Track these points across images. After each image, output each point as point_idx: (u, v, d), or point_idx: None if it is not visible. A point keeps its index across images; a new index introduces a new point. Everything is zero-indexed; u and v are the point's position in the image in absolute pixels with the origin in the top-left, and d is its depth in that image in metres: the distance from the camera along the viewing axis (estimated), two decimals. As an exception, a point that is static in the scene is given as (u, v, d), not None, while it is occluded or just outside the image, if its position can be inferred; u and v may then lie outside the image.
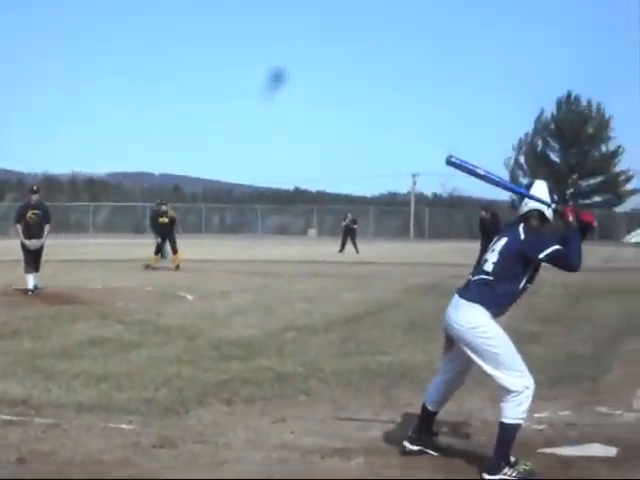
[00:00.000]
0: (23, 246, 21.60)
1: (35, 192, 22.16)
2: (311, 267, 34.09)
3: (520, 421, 7.12)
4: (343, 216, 53.41)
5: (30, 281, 21.34)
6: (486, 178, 7.64)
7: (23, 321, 16.42)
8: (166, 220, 31.78)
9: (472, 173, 7.64)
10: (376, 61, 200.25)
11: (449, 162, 7.52)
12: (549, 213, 7.39)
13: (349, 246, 48.73)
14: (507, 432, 7.06)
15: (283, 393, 10.19)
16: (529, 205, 7.41)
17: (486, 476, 7.02)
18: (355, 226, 51.91)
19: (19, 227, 21.72)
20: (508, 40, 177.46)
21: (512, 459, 7.08)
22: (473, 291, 7.34)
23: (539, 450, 7.84)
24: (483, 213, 29.97)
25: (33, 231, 21.56)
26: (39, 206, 22.12)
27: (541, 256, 7.14)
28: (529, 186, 7.63)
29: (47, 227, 21.83)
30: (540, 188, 7.50)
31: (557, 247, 7.13)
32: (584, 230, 7.37)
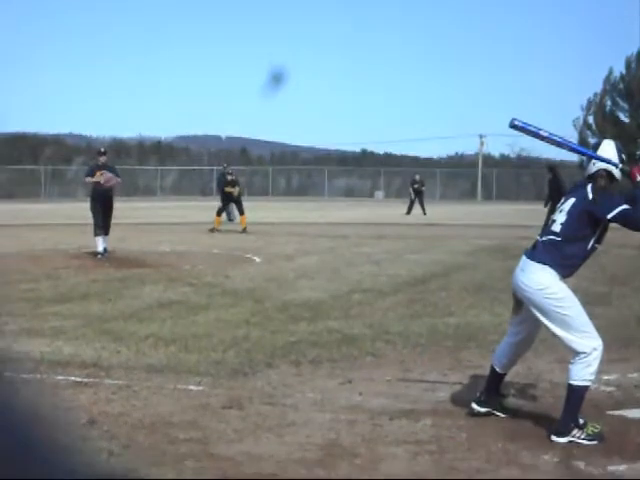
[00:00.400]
0: (93, 208, 21.74)
1: (102, 154, 22.27)
2: (378, 229, 34.00)
3: (588, 383, 7.09)
4: (411, 178, 53.24)
5: (99, 244, 21.36)
6: (550, 140, 7.64)
7: (92, 284, 16.56)
8: (234, 192, 31.81)
9: (536, 135, 7.64)
10: (444, 26, 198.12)
11: (512, 126, 7.54)
12: (617, 173, 7.32)
13: (416, 209, 48.36)
14: (575, 394, 7.04)
15: (350, 355, 10.21)
16: (597, 165, 7.36)
17: (555, 438, 7.00)
18: (423, 188, 51.41)
19: (88, 179, 21.93)
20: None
21: (581, 421, 7.05)
22: (541, 252, 7.31)
23: (608, 412, 7.80)
24: (550, 175, 29.73)
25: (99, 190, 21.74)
26: (107, 167, 22.29)
27: (609, 216, 7.10)
28: (597, 146, 7.62)
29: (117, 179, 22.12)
30: (608, 148, 7.46)
31: (625, 207, 7.09)
32: None
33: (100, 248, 21.30)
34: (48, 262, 20.36)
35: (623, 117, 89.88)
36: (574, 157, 50.73)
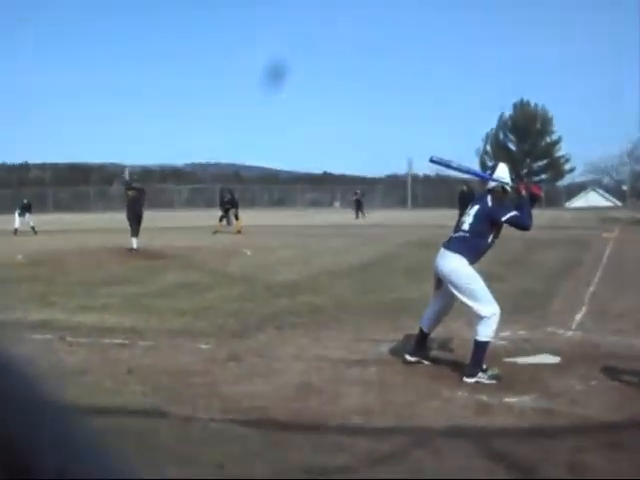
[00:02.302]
0: (128, 217, 21.89)
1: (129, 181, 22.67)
2: (336, 230, 34.09)
3: (489, 338, 7.15)
4: (354, 192, 53.06)
5: (134, 243, 21.55)
6: (459, 169, 7.88)
7: (128, 272, 16.56)
8: (230, 206, 32.11)
9: (449, 166, 7.86)
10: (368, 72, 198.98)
11: (431, 161, 7.72)
12: (508, 188, 7.51)
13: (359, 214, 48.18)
14: (480, 346, 7.10)
15: (318, 320, 10.23)
16: (494, 183, 7.48)
17: (465, 379, 7.05)
18: (362, 199, 51.07)
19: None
20: (474, 58, 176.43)
21: (484, 366, 7.11)
22: (454, 244, 7.40)
23: (503, 359, 7.85)
24: (464, 188, 29.91)
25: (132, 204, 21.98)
26: (136, 187, 22.63)
27: (503, 219, 7.25)
28: (494, 167, 7.76)
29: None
30: (502, 169, 7.63)
31: (515, 212, 7.26)
32: (533, 200, 7.58)
33: (135, 245, 21.41)
34: (96, 256, 20.35)
35: (512, 146, 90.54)
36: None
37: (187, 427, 5.63)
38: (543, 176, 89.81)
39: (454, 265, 7.26)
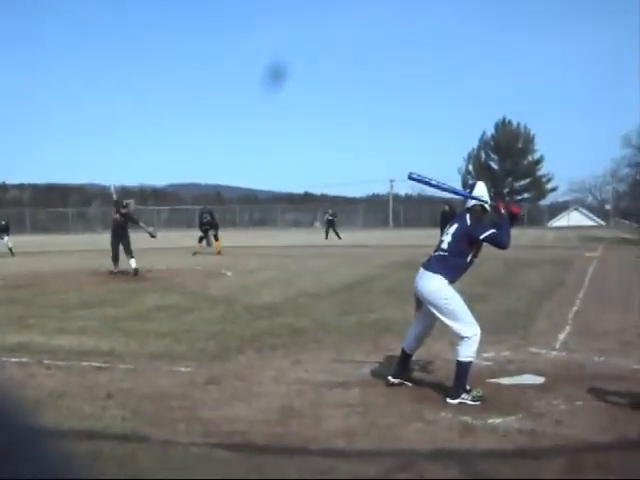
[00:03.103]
0: (113, 243, 21.58)
1: (117, 203, 22.11)
2: (316, 250, 34.07)
3: (471, 359, 7.15)
4: (325, 211, 50.91)
5: (133, 263, 20.99)
6: (438, 187, 7.82)
7: (107, 294, 16.48)
8: (209, 227, 31.89)
9: (428, 184, 7.80)
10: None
11: (410, 178, 7.63)
12: (487, 207, 7.51)
13: (331, 234, 46.05)
14: (462, 367, 7.12)
15: (299, 342, 10.21)
16: (473, 201, 7.52)
17: (449, 400, 7.05)
18: (335, 218, 48.62)
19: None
20: (454, 75, 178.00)
21: (467, 387, 7.11)
22: (433, 264, 7.42)
23: (487, 380, 7.86)
24: (446, 207, 30.02)
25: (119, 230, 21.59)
26: (124, 212, 22.11)
27: (482, 237, 7.27)
28: (473, 186, 7.76)
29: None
30: (481, 188, 7.66)
31: (493, 231, 7.27)
32: (513, 219, 7.58)
33: (134, 265, 20.96)
34: (74, 278, 20.25)
35: (494, 165, 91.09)
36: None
37: (168, 451, 5.60)
38: (525, 195, 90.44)
39: (434, 286, 7.27)
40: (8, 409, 0.48)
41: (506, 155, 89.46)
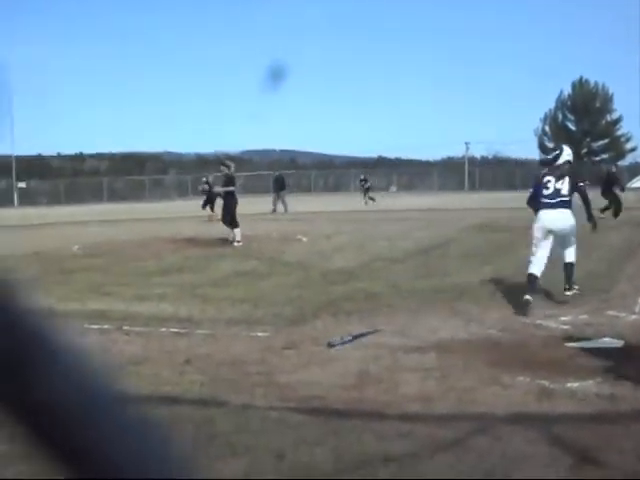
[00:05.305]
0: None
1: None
2: (390, 214, 33.93)
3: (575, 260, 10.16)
4: (358, 178, 50.88)
5: (237, 235, 20.02)
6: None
7: (185, 261, 16.68)
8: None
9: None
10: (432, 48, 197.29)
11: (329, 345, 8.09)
12: (573, 164, 10.70)
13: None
14: (573, 267, 10.17)
15: (374, 307, 10.22)
16: (564, 159, 10.42)
17: (566, 292, 10.01)
18: (369, 184, 49.08)
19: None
20: (535, 35, 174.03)
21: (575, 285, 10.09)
22: (568, 205, 10.07)
23: (565, 344, 7.78)
24: (613, 168, 32.96)
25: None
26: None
27: (579, 185, 10.28)
28: (562, 150, 10.63)
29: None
30: (568, 150, 10.65)
31: (582, 184, 10.51)
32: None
33: (238, 237, 20.06)
34: (152, 245, 20.55)
35: (571, 126, 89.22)
36: (535, 156, 50.18)
37: (245, 416, 5.68)
38: (604, 156, 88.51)
39: (573, 221, 10.09)
40: (92, 374, 0.51)
41: (584, 115, 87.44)
